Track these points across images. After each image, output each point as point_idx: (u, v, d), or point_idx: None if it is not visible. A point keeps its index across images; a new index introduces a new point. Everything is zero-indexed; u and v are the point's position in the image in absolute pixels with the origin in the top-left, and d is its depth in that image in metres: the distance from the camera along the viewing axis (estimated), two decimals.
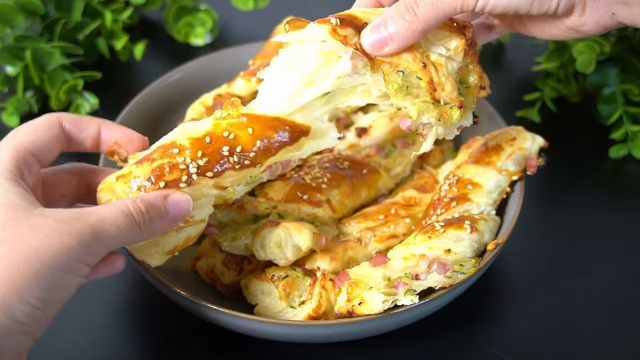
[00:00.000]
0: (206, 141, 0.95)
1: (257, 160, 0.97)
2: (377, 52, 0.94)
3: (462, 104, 0.98)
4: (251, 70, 1.35)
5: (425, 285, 0.99)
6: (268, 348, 1.09)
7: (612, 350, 1.11)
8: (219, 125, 0.96)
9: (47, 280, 0.77)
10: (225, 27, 1.73)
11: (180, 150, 0.94)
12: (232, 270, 1.12)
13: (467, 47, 0.99)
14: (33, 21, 1.51)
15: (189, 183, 0.94)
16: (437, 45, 0.98)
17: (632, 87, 1.39)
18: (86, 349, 1.10)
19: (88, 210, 0.83)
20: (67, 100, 1.45)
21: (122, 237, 0.85)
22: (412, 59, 0.96)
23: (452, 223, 1.08)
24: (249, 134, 0.96)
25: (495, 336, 1.13)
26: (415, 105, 0.97)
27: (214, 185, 0.97)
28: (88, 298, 1.15)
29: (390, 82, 0.96)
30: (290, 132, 0.98)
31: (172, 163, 0.93)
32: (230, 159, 0.95)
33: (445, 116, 0.98)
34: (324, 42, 0.96)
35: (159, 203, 0.89)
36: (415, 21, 0.92)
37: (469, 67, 1.02)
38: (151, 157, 0.95)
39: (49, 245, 0.78)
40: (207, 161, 0.94)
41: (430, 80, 0.96)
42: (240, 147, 0.96)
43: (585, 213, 1.32)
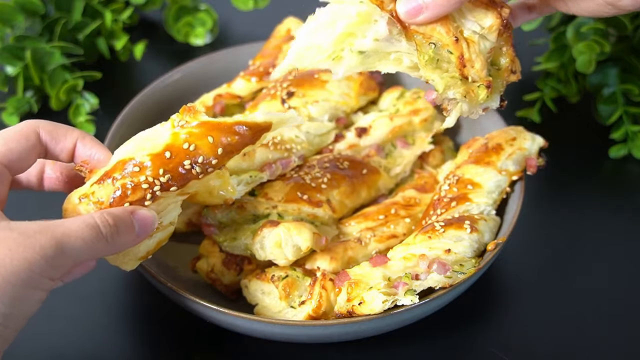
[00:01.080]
0: (166, 157, 0.93)
1: (219, 165, 0.96)
2: (411, 19, 0.94)
3: (490, 84, 0.98)
4: (251, 70, 1.35)
5: (425, 285, 0.99)
6: (268, 348, 1.09)
7: (612, 350, 1.11)
8: (177, 136, 0.94)
9: (7, 296, 0.76)
10: (225, 27, 1.73)
11: (140, 169, 0.92)
12: (232, 270, 1.12)
13: (502, 27, 0.98)
14: (33, 21, 1.51)
15: (153, 200, 0.93)
16: (472, 22, 0.98)
17: (632, 87, 1.39)
18: (86, 349, 1.10)
19: (55, 223, 0.82)
20: (67, 100, 1.45)
21: (88, 249, 0.84)
22: (445, 32, 0.96)
23: (452, 223, 1.08)
24: (210, 142, 0.94)
25: (495, 336, 1.13)
26: (443, 79, 0.97)
27: (179, 194, 0.97)
28: (88, 298, 1.15)
29: (422, 53, 0.96)
30: (251, 133, 0.97)
31: (134, 183, 0.92)
32: (193, 171, 0.94)
33: (472, 94, 0.98)
34: (362, 2, 0.95)
35: (126, 218, 0.89)
36: None
37: (502, 49, 1.02)
38: (112, 175, 0.93)
39: (11, 259, 0.77)
40: (169, 178, 0.93)
41: (460, 56, 0.96)
42: (202, 157, 0.94)
43: (585, 213, 1.32)
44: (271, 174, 1.14)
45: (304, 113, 1.25)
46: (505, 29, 1.00)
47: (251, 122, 0.97)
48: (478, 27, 0.98)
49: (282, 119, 0.99)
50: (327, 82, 1.28)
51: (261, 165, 1.14)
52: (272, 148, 1.16)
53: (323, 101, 1.27)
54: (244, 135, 0.96)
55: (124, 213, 0.89)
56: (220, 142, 0.95)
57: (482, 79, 0.98)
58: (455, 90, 0.97)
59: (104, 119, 1.43)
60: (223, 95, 1.32)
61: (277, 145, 1.17)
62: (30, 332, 1.11)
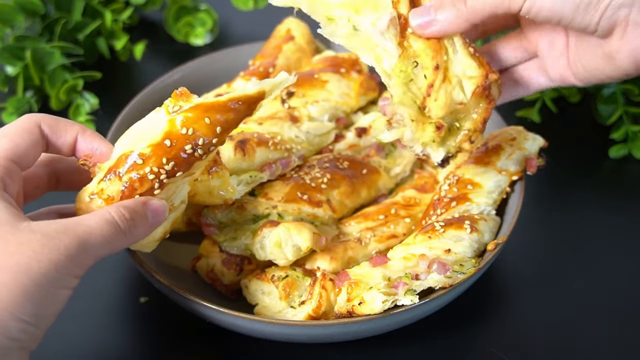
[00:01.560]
0: (167, 145, 0.94)
1: (220, 142, 0.97)
2: (421, 31, 0.97)
3: (442, 127, 0.98)
4: (251, 71, 1.35)
5: (425, 285, 0.99)
6: (268, 348, 1.09)
7: (612, 350, 1.11)
8: (173, 123, 0.94)
9: (38, 297, 0.77)
10: (225, 27, 1.73)
11: (144, 161, 0.93)
12: (232, 270, 1.12)
13: (481, 87, 0.98)
14: (33, 21, 1.51)
15: (161, 188, 0.95)
16: (460, 66, 0.98)
17: (632, 87, 1.39)
18: (86, 348, 1.10)
19: (74, 221, 0.83)
20: (67, 100, 1.45)
21: (108, 245, 0.85)
22: (433, 56, 0.96)
23: (452, 223, 1.08)
24: (207, 123, 0.95)
25: (495, 336, 1.13)
26: (403, 94, 0.97)
27: (185, 176, 0.98)
28: (88, 298, 1.15)
29: (402, 64, 0.97)
30: (246, 106, 0.98)
31: (140, 175, 0.93)
32: (195, 154, 0.95)
33: (420, 125, 0.98)
34: None
35: (141, 210, 0.90)
36: (463, 9, 0.94)
37: (473, 115, 1.01)
38: (117, 170, 0.94)
39: (38, 262, 0.78)
40: (173, 165, 0.94)
41: (431, 84, 0.96)
42: (202, 139, 0.95)
43: (585, 213, 1.32)
44: (271, 174, 1.14)
45: (304, 113, 1.25)
46: (484, 93, 0.98)
47: (244, 95, 0.98)
48: (461, 72, 0.98)
49: (274, 83, 0.99)
50: (327, 82, 1.28)
51: (261, 165, 1.14)
52: (272, 148, 1.16)
53: (323, 101, 1.27)
54: (238, 110, 0.97)
55: (137, 205, 0.90)
56: (217, 121, 0.95)
57: (437, 119, 0.98)
58: (407, 110, 0.97)
59: (104, 119, 1.43)
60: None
61: (277, 145, 1.17)
62: None
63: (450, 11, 0.96)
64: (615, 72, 0.96)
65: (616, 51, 0.93)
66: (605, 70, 0.96)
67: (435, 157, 1.01)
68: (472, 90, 0.98)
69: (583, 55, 0.98)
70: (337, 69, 1.31)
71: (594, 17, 0.91)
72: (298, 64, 1.38)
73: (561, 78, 1.02)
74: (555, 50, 1.02)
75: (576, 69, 1.00)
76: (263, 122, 1.20)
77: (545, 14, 0.92)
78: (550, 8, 0.91)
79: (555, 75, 1.03)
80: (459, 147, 1.01)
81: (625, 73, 0.95)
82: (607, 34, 0.93)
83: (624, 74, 0.96)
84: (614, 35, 0.93)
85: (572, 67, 1.00)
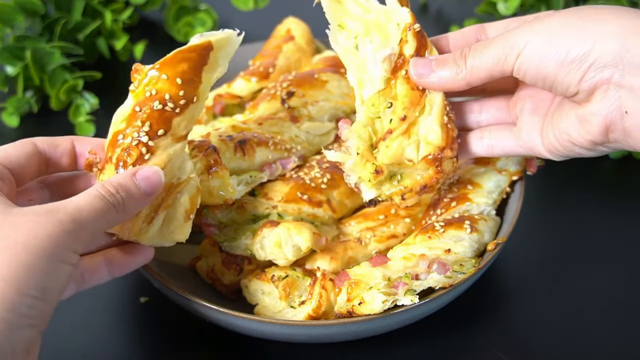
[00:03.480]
0: (137, 111, 0.97)
1: (190, 95, 0.99)
2: (418, 80, 0.98)
3: (381, 172, 0.99)
4: (251, 71, 1.35)
5: (425, 285, 0.99)
6: (268, 348, 1.09)
7: (612, 350, 1.11)
8: (138, 94, 0.98)
9: (40, 271, 0.78)
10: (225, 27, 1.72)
11: (123, 135, 0.97)
12: (232, 270, 1.12)
13: (434, 157, 0.99)
14: (33, 21, 1.51)
15: (151, 151, 0.96)
16: (424, 131, 0.99)
17: None
18: (86, 348, 1.10)
19: (64, 201, 0.84)
20: (67, 100, 1.45)
21: (102, 219, 0.86)
22: (406, 106, 0.98)
23: (452, 223, 1.08)
24: (166, 79, 0.98)
25: (495, 336, 1.13)
26: (363, 126, 0.99)
27: (173, 139, 0.98)
28: (88, 298, 1.15)
29: (377, 99, 0.99)
30: (196, 54, 1.00)
31: (125, 147, 0.96)
32: (167, 107, 0.97)
33: (362, 161, 0.99)
34: (398, 25, 0.99)
35: (128, 182, 0.91)
36: (463, 69, 0.95)
37: (417, 177, 1.01)
38: (107, 157, 0.97)
39: (35, 237, 0.78)
40: (149, 125, 0.96)
41: (390, 130, 0.98)
42: (167, 94, 0.97)
43: (585, 213, 1.32)
44: (271, 174, 1.14)
45: (304, 113, 1.25)
46: (434, 163, 0.99)
47: (190, 45, 1.00)
48: (424, 134, 1.00)
49: (217, 35, 1.01)
50: (327, 82, 1.28)
51: (261, 165, 1.14)
52: (272, 148, 1.16)
53: (323, 101, 1.27)
54: (190, 58, 0.99)
55: (124, 177, 0.91)
56: (174, 74, 0.98)
57: (380, 163, 0.99)
58: (357, 143, 0.99)
59: (104, 119, 1.43)
60: (223, 95, 1.32)
61: (277, 145, 1.17)
62: None
63: (450, 69, 0.96)
64: (581, 137, 0.92)
65: (591, 114, 0.90)
66: (572, 135, 0.93)
67: (365, 194, 1.02)
68: (424, 154, 0.99)
69: (557, 119, 0.96)
70: (337, 69, 1.31)
71: (576, 76, 0.89)
72: (298, 64, 1.38)
73: (530, 145, 1.00)
74: (535, 116, 1.00)
75: (546, 135, 0.98)
76: (263, 122, 1.20)
77: (532, 72, 0.91)
78: (537, 66, 0.90)
79: (526, 140, 1.01)
80: (390, 197, 1.02)
81: (592, 138, 0.91)
82: (587, 96, 0.90)
83: (590, 140, 0.92)
84: (594, 97, 0.90)
85: (543, 133, 0.98)
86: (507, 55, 0.92)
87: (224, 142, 1.12)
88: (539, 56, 0.90)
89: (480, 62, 0.94)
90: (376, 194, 1.02)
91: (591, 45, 0.87)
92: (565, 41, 0.88)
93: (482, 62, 0.94)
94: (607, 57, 0.87)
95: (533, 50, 0.90)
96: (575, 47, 0.88)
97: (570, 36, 0.88)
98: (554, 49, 0.89)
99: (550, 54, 0.89)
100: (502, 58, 0.92)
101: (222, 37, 1.01)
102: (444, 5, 1.73)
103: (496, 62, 0.93)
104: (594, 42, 0.87)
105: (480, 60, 0.94)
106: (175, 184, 0.98)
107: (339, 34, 1.01)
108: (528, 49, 0.90)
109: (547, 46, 0.89)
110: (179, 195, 0.99)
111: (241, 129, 1.18)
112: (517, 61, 0.91)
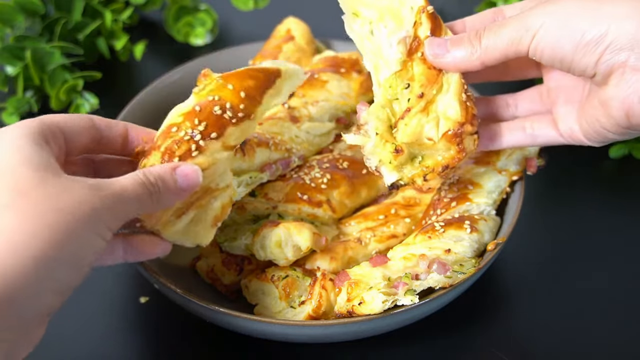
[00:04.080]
0: (197, 110, 1.00)
1: (249, 111, 1.02)
2: (433, 60, 0.98)
3: (401, 151, 0.98)
4: None
5: (425, 285, 0.99)
6: (268, 348, 1.09)
7: (612, 350, 1.11)
8: (201, 95, 1.01)
9: (78, 239, 0.79)
10: (225, 27, 1.73)
11: (178, 128, 0.99)
12: (232, 270, 1.12)
13: (454, 133, 0.98)
14: (33, 21, 1.51)
15: (199, 150, 0.98)
16: (444, 107, 0.98)
17: None
18: (85, 348, 1.10)
19: (110, 180, 0.86)
20: (67, 100, 1.45)
21: (139, 205, 0.88)
22: (423, 84, 0.97)
23: (452, 223, 1.08)
24: (230, 90, 1.01)
25: (495, 336, 1.13)
26: (381, 107, 0.98)
27: (222, 146, 1.00)
28: (88, 298, 1.16)
29: (394, 81, 0.97)
30: (264, 75, 1.04)
31: (176, 139, 0.98)
32: (225, 115, 1.00)
33: (381, 142, 0.98)
34: (412, 8, 0.99)
35: (167, 174, 0.92)
36: (478, 49, 0.95)
37: (438, 157, 1.00)
38: (156, 145, 0.99)
39: (80, 205, 0.79)
40: (205, 125, 0.99)
41: (408, 109, 0.97)
42: (229, 103, 1.00)
43: (585, 213, 1.32)
44: (271, 175, 1.14)
45: (304, 113, 1.25)
46: (455, 140, 0.98)
47: (261, 67, 1.05)
48: (442, 111, 0.99)
49: (287, 66, 1.06)
50: (327, 82, 1.28)
51: (261, 165, 1.14)
52: (272, 148, 1.16)
53: (323, 101, 1.27)
54: (257, 77, 1.03)
55: (163, 170, 0.92)
56: (239, 86, 1.02)
57: (400, 143, 0.98)
58: (376, 124, 0.98)
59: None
60: None
61: (277, 145, 1.17)
62: None
63: (465, 49, 0.96)
64: (608, 122, 0.92)
65: (610, 98, 0.90)
66: (601, 120, 0.93)
67: (386, 178, 1.01)
68: (443, 131, 0.99)
69: (587, 105, 0.96)
70: (337, 69, 1.31)
71: (592, 58, 0.89)
72: (298, 64, 1.37)
73: (569, 133, 1.00)
74: (569, 105, 1.00)
75: (581, 123, 0.98)
76: (263, 122, 1.20)
77: (549, 53, 0.91)
78: (552, 47, 0.90)
79: (565, 129, 1.01)
80: (412, 180, 1.01)
81: (617, 122, 0.91)
82: (605, 79, 0.90)
83: (616, 124, 0.92)
84: (611, 80, 0.90)
85: (579, 121, 0.98)
86: (522, 36, 0.92)
87: None
88: (555, 37, 0.89)
89: (494, 43, 0.94)
90: (398, 176, 1.01)
91: (607, 27, 0.87)
92: (581, 23, 0.88)
93: (496, 42, 0.94)
94: (622, 39, 0.86)
95: (548, 31, 0.90)
96: (590, 29, 0.87)
97: (585, 18, 0.88)
98: (569, 30, 0.88)
99: (565, 35, 0.89)
100: (516, 39, 0.92)
101: (291, 69, 1.06)
102: (444, 5, 1.73)
103: (510, 42, 0.93)
104: (609, 24, 0.87)
105: (495, 40, 0.94)
106: (212, 189, 0.99)
107: (354, 21, 1.02)
108: (543, 31, 0.90)
109: (563, 28, 0.89)
110: (213, 200, 0.99)
111: None
112: (532, 42, 0.91)
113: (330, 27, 1.34)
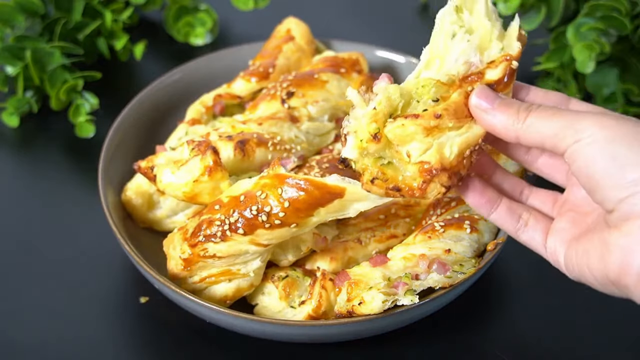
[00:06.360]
0: (240, 200, 0.99)
1: (289, 221, 0.97)
2: (472, 110, 0.90)
3: (378, 138, 0.89)
4: (251, 71, 1.35)
5: (425, 285, 1.00)
6: (268, 348, 1.09)
7: (613, 350, 1.11)
8: (257, 184, 0.99)
9: None
10: (225, 27, 1.73)
11: (220, 207, 1.00)
12: None
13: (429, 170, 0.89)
14: (33, 21, 1.51)
15: (222, 239, 0.99)
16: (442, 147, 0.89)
17: (632, 87, 1.39)
18: (85, 348, 1.10)
19: None
20: (67, 100, 1.45)
21: None
22: (448, 110, 0.89)
23: (452, 223, 1.08)
24: (279, 194, 0.97)
25: (495, 336, 1.13)
26: (399, 96, 0.90)
27: (250, 242, 0.99)
28: (88, 298, 1.15)
29: (431, 85, 0.91)
30: (319, 192, 0.96)
31: (211, 219, 1.00)
32: (259, 218, 0.97)
33: (372, 117, 0.90)
34: (507, 38, 0.92)
35: None
36: (517, 123, 0.87)
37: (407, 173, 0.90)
38: (202, 211, 1.03)
39: None
40: (237, 219, 0.98)
41: (417, 115, 0.89)
42: (270, 207, 0.97)
43: None
44: None
45: (303, 113, 1.25)
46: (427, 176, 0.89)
47: (320, 182, 0.97)
48: (436, 146, 0.89)
49: (355, 189, 0.95)
50: (327, 82, 1.28)
51: (261, 165, 1.14)
52: (272, 148, 1.16)
53: (323, 101, 1.27)
54: (310, 193, 0.96)
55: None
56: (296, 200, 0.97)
57: (384, 133, 0.89)
58: (384, 98, 0.89)
59: (104, 119, 1.43)
60: (223, 96, 1.32)
61: (277, 145, 1.17)
62: (30, 332, 1.11)
63: (509, 116, 0.87)
64: (598, 265, 0.84)
65: (614, 243, 0.81)
66: (591, 259, 0.85)
67: (346, 149, 0.90)
68: (424, 159, 0.89)
69: (586, 237, 0.88)
70: (337, 69, 1.31)
71: (619, 193, 0.80)
72: (298, 64, 1.38)
73: (553, 250, 0.93)
74: (572, 227, 0.92)
75: (570, 250, 0.90)
76: (263, 122, 1.20)
77: (580, 165, 0.83)
78: (586, 161, 0.82)
79: (551, 245, 0.94)
80: (362, 171, 0.91)
81: (606, 270, 0.83)
82: (620, 221, 0.81)
83: (604, 271, 0.83)
84: (625, 226, 0.80)
85: (569, 246, 0.90)
86: (567, 135, 0.83)
87: (223, 142, 1.12)
88: (594, 153, 0.82)
89: (539, 126, 0.86)
90: (355, 156, 0.90)
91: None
92: (627, 153, 0.80)
93: (541, 126, 0.86)
94: None
95: (591, 144, 0.82)
96: (633, 164, 0.80)
97: (634, 150, 0.80)
98: (612, 154, 0.81)
99: (605, 156, 0.81)
100: (560, 134, 0.84)
101: (358, 191, 0.96)
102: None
103: (554, 134, 0.84)
104: None
105: (542, 124, 0.86)
106: (232, 272, 1.03)
107: (450, 14, 0.93)
108: (587, 140, 0.82)
109: (606, 147, 0.81)
110: (232, 280, 1.05)
111: (241, 129, 1.18)
112: (572, 146, 0.83)
113: (330, 27, 1.35)
